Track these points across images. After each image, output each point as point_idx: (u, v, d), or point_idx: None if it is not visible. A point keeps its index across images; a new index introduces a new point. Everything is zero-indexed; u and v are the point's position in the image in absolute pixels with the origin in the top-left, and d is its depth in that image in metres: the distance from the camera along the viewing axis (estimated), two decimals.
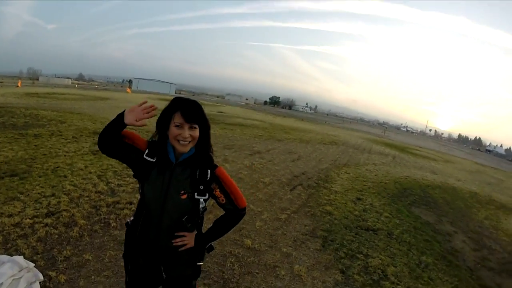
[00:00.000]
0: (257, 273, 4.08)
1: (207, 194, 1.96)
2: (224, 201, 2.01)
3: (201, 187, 1.92)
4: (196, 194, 1.92)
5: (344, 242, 5.36)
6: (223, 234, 2.17)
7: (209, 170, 1.95)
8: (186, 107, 1.84)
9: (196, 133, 1.87)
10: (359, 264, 4.68)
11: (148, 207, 1.95)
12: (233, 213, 2.08)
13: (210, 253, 2.26)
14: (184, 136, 1.82)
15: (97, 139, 1.89)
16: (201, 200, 1.95)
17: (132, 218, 2.11)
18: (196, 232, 2.06)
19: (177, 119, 1.82)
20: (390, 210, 7.59)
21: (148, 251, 2.01)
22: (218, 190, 1.99)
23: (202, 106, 1.94)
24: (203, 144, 1.96)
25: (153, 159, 1.92)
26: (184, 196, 1.90)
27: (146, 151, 1.93)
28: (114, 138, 1.88)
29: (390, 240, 5.81)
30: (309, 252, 4.83)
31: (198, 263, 2.15)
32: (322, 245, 5.11)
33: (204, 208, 2.01)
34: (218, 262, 4.17)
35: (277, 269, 4.23)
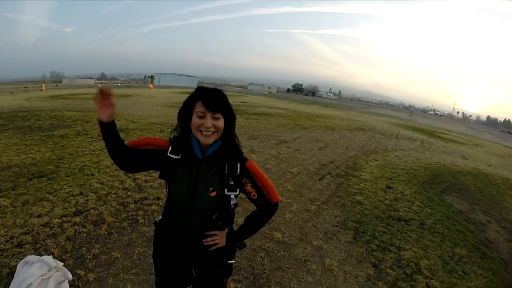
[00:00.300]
0: (287, 267, 4.00)
1: (237, 189, 1.86)
2: (256, 196, 1.90)
3: (231, 183, 1.82)
4: (226, 190, 1.82)
5: (376, 233, 5.22)
6: (255, 231, 2.09)
7: (238, 164, 1.85)
8: (208, 95, 1.74)
9: (220, 123, 1.76)
10: (391, 257, 4.54)
11: (176, 206, 1.86)
12: (266, 209, 1.97)
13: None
14: (207, 126, 1.71)
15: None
16: (232, 196, 1.85)
17: (160, 217, 2.03)
18: (227, 230, 1.98)
19: (199, 108, 1.72)
20: (422, 199, 7.39)
21: (178, 251, 1.95)
22: (249, 184, 1.88)
23: (226, 95, 1.83)
24: (229, 135, 1.85)
25: (178, 156, 1.82)
26: (214, 193, 1.80)
27: (170, 148, 1.84)
28: (118, 146, 1.78)
29: (423, 231, 5.64)
30: (340, 244, 4.72)
31: (229, 261, 2.08)
32: (354, 237, 4.99)
33: (235, 205, 1.93)
34: (247, 257, 4.11)
35: (308, 263, 4.14)
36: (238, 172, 1.83)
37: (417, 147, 16.14)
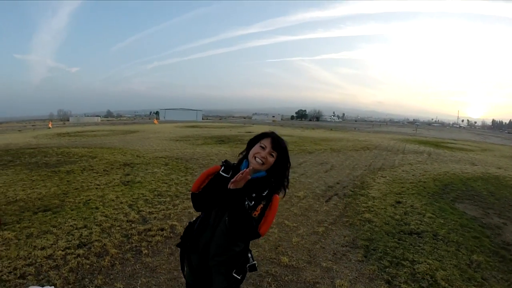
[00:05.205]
0: None
1: (252, 202, 2.06)
2: (255, 217, 2.05)
3: (253, 195, 2.06)
4: (246, 198, 2.05)
5: (387, 249, 5.07)
6: (242, 220, 2.04)
7: (268, 190, 2.11)
8: (277, 138, 2.18)
9: (272, 160, 2.14)
10: (405, 272, 4.39)
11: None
12: (254, 230, 2.08)
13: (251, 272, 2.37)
14: (262, 155, 2.11)
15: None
16: (247, 202, 2.05)
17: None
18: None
19: (265, 142, 2.16)
20: (433, 210, 7.24)
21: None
22: (261, 208, 2.07)
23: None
24: (277, 173, 2.20)
25: (228, 174, 2.16)
26: None
27: (222, 169, 2.19)
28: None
29: (436, 241, 5.49)
30: (350, 264, 4.58)
31: (233, 274, 2.19)
32: (364, 256, 4.84)
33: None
34: (254, 283, 3.98)
35: (317, 285, 4.00)
36: (264, 195, 2.09)
37: (425, 160, 15.98)
